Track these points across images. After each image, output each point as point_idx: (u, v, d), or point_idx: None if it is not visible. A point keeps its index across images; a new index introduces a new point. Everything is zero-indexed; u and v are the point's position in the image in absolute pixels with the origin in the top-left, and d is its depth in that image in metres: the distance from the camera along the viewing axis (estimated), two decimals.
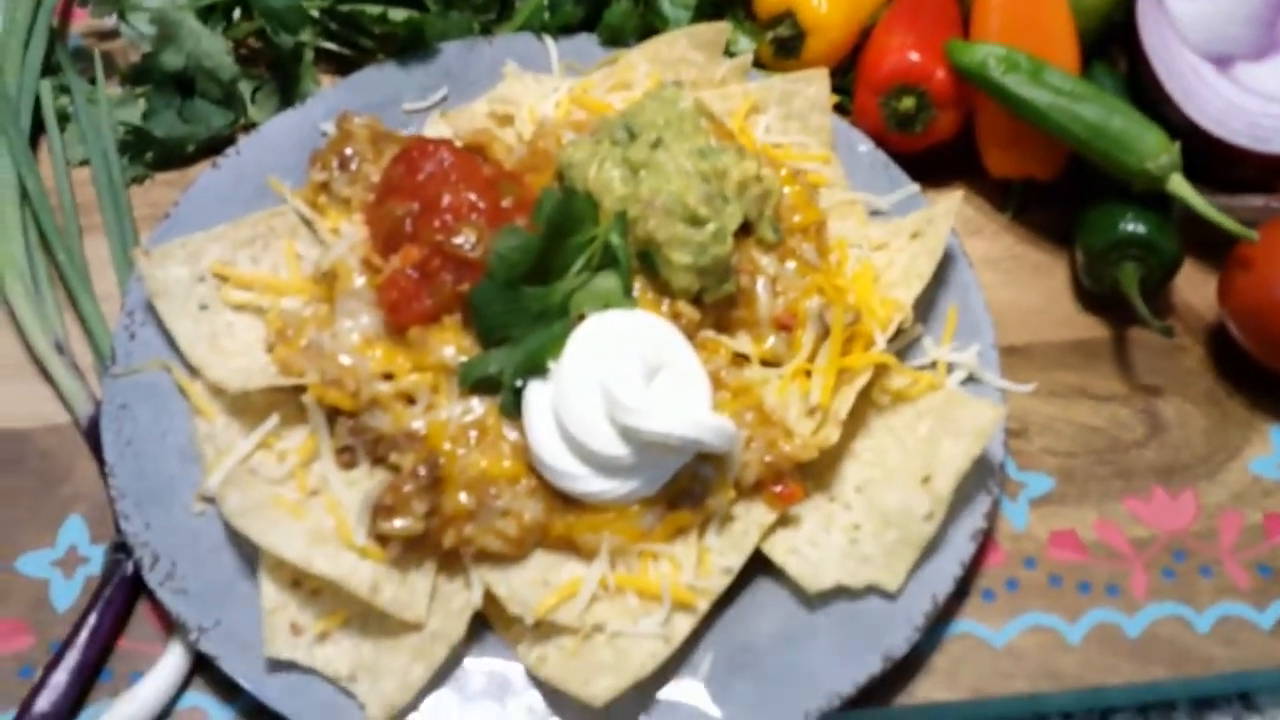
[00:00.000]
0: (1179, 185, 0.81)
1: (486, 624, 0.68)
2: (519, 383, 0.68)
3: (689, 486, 0.68)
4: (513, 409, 0.68)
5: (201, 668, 0.69)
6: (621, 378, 0.65)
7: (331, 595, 0.67)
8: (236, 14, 0.93)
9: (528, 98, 0.85)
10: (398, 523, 0.66)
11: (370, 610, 0.67)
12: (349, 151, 0.79)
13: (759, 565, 0.70)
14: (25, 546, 0.73)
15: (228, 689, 0.68)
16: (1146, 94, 0.87)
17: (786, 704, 0.65)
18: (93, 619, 0.69)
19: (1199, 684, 0.74)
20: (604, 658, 0.64)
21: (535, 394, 0.67)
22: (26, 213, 0.83)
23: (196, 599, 0.67)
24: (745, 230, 0.74)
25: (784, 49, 0.91)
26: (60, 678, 0.67)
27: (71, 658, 0.67)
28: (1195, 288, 0.88)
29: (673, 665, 0.66)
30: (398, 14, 0.88)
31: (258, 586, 0.68)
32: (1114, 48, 0.93)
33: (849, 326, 0.72)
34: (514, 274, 0.69)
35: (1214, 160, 0.85)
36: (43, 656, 0.69)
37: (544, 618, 0.65)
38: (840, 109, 0.90)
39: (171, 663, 0.68)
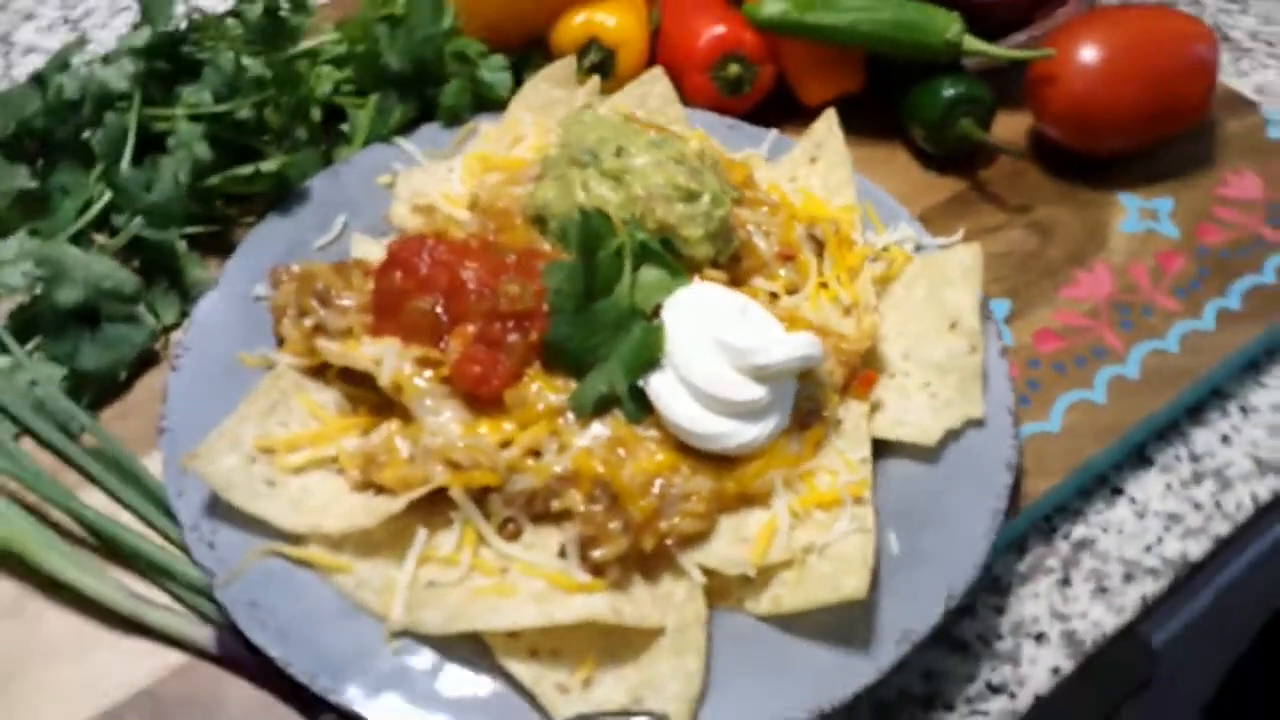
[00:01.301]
0: (973, 43, 0.97)
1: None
2: (640, 383, 0.72)
3: (806, 406, 0.75)
4: (637, 413, 0.73)
5: None
6: (733, 330, 0.71)
7: (569, 646, 0.69)
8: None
9: (434, 185, 0.89)
10: (605, 550, 0.69)
11: (610, 641, 0.69)
12: (321, 287, 0.80)
13: None
14: None
15: None
16: None
17: (967, 537, 0.74)
18: None
19: (1188, 395, 0.89)
20: (827, 569, 0.70)
21: (659, 385, 0.72)
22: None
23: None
24: None
25: (600, 71, 1.00)
26: None
27: None
28: (997, 126, 1.05)
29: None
30: (269, 165, 0.89)
31: (498, 676, 0.68)
32: None
33: (835, 235, 0.83)
34: (576, 302, 0.74)
35: (973, 18, 1.01)
36: None
37: (763, 563, 0.70)
38: None
39: None
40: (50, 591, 0.75)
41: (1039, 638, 0.79)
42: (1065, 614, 0.80)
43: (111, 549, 0.77)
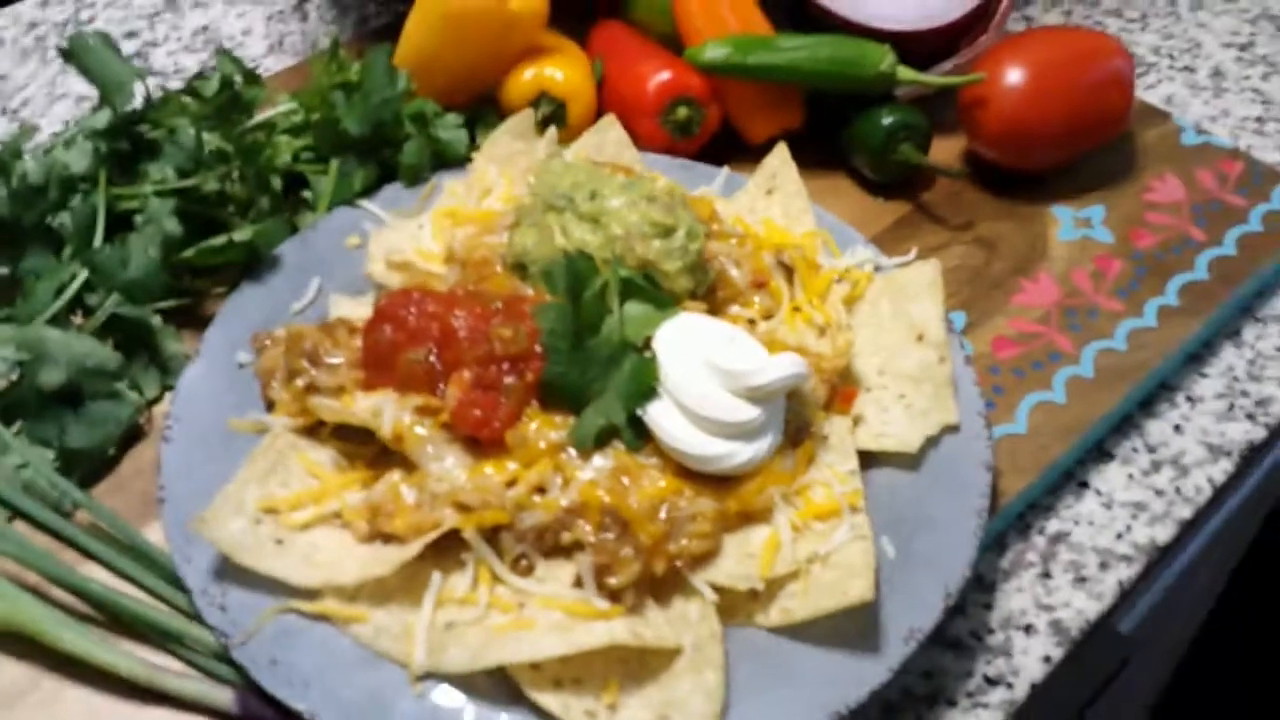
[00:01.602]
0: (907, 73, 1.02)
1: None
2: (640, 412, 0.75)
3: (794, 424, 0.79)
4: (636, 442, 0.75)
5: None
6: (724, 354, 0.74)
7: (591, 674, 0.70)
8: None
9: (406, 242, 0.91)
10: (620, 576, 0.71)
11: (629, 665, 0.71)
12: (309, 346, 0.82)
13: None
14: None
15: None
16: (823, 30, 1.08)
17: (956, 537, 0.77)
18: None
19: (1140, 390, 0.94)
20: (832, 576, 0.73)
21: (657, 413, 0.75)
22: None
23: None
24: None
25: (553, 123, 1.03)
26: None
27: None
28: (933, 150, 1.09)
29: None
30: (241, 235, 0.90)
31: (523, 709, 0.70)
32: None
33: (803, 261, 0.86)
34: (569, 341, 0.76)
35: (898, 51, 1.06)
36: None
37: (770, 576, 0.73)
38: None
39: None
40: (64, 669, 0.75)
41: (1028, 629, 0.83)
42: (1050, 605, 0.84)
43: (119, 621, 0.77)
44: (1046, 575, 0.86)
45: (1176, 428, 0.95)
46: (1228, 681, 1.76)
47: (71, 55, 0.95)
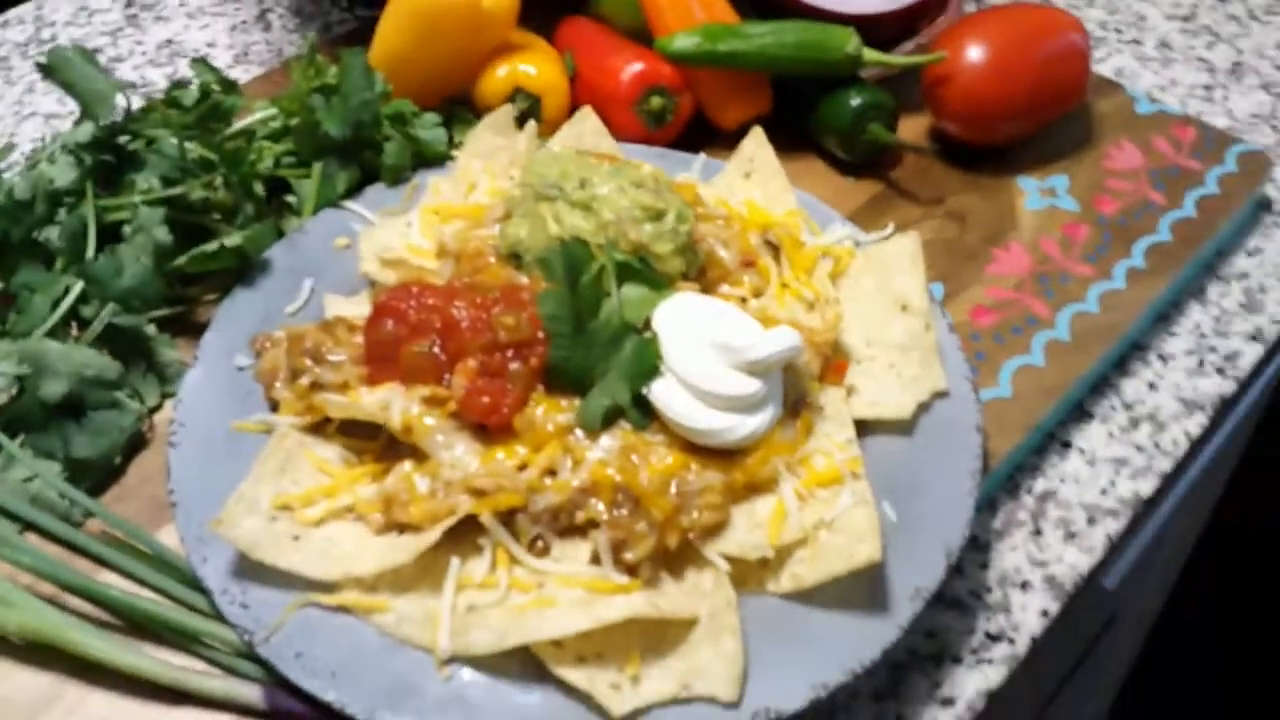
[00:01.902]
0: (872, 55, 1.05)
1: None
2: (644, 390, 0.77)
3: (792, 396, 0.81)
4: (642, 420, 0.77)
5: None
6: (723, 330, 0.77)
7: (613, 648, 0.72)
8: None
9: (396, 239, 0.93)
10: (636, 550, 0.73)
11: (648, 638, 0.73)
12: (310, 345, 0.83)
13: None
14: None
15: None
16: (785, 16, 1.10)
17: (953, 498, 0.80)
18: None
19: (1114, 352, 0.97)
20: (839, 541, 0.76)
21: (661, 391, 0.77)
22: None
23: None
24: None
25: (529, 118, 1.05)
26: None
27: None
28: (900, 129, 1.12)
29: None
30: (232, 240, 0.91)
31: (550, 687, 0.71)
32: None
33: (789, 239, 0.89)
34: (570, 325, 0.78)
35: (861, 33, 1.08)
36: None
37: (779, 544, 0.75)
38: None
39: None
40: (87, 675, 0.75)
41: (1024, 585, 0.86)
42: (1043, 560, 0.87)
43: (138, 626, 0.78)
44: (1038, 533, 0.89)
45: (1151, 385, 0.98)
46: (1204, 643, 1.81)
47: (52, 71, 0.95)
